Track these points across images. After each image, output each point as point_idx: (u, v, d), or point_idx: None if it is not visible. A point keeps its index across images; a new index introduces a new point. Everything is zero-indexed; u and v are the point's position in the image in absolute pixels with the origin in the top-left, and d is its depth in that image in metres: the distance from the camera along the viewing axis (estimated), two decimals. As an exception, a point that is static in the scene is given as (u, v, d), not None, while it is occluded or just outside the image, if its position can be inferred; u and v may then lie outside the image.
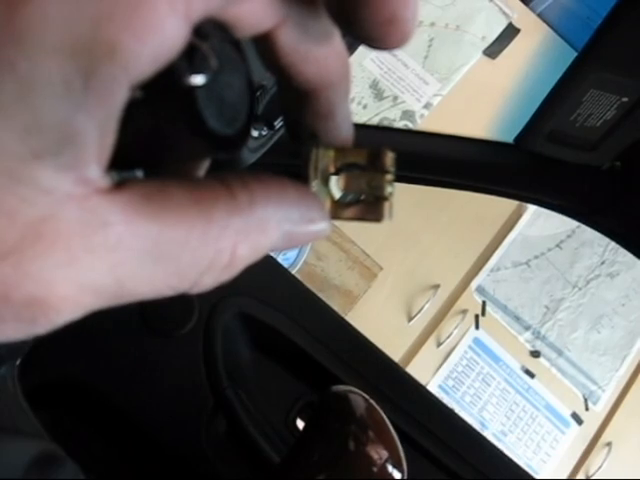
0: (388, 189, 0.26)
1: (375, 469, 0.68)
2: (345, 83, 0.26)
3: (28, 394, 0.74)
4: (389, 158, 0.26)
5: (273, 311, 1.00)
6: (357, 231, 1.88)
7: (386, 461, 0.69)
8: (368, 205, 0.26)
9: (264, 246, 0.21)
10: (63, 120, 0.16)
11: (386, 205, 0.26)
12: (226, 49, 0.22)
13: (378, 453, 0.69)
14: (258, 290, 1.01)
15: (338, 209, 0.26)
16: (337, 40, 0.24)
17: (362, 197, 0.26)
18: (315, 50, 0.24)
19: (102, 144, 0.17)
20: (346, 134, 0.27)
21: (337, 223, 0.26)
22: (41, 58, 0.15)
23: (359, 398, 0.75)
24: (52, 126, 0.16)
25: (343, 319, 1.07)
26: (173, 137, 0.22)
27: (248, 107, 0.24)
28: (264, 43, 0.23)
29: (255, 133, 0.60)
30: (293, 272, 1.77)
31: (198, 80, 0.20)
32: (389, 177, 0.26)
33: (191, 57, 0.20)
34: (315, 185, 0.25)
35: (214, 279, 0.21)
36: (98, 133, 0.17)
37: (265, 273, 1.02)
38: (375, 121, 1.95)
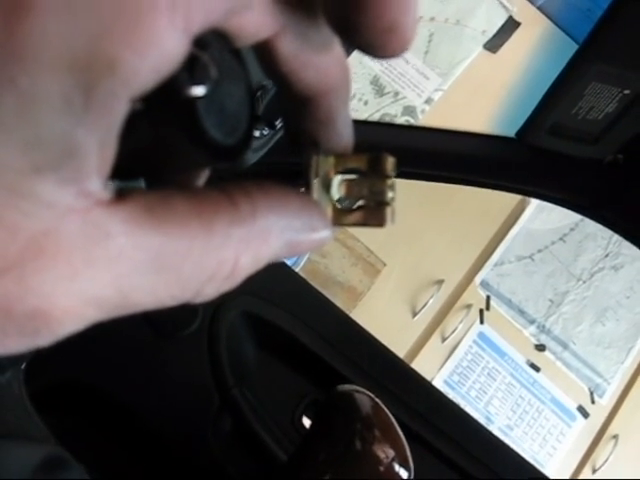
0: (389, 194, 0.26)
1: (382, 468, 0.68)
2: (345, 89, 0.26)
3: (34, 397, 0.74)
4: (389, 163, 0.26)
5: (277, 309, 1.01)
6: (360, 228, 1.88)
7: (392, 460, 0.68)
8: (370, 210, 0.26)
9: (266, 255, 0.21)
10: (63, 134, 0.16)
11: (388, 210, 0.26)
12: (226, 58, 0.22)
13: (384, 452, 0.69)
14: (262, 289, 1.01)
15: (340, 215, 0.26)
16: (337, 47, 0.24)
17: (364, 202, 0.26)
18: (315, 57, 0.24)
19: (103, 157, 0.17)
20: (346, 140, 0.27)
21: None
22: (41, 74, 0.15)
23: (365, 397, 0.75)
24: (52, 140, 0.16)
25: (347, 316, 1.07)
26: (174, 148, 0.22)
27: (248, 116, 0.24)
28: (264, 51, 0.23)
29: (256, 133, 0.60)
30: (296, 270, 1.77)
31: (198, 91, 0.20)
32: (390, 182, 0.26)
33: (191, 68, 0.20)
34: (316, 192, 0.25)
35: (216, 289, 0.21)
36: (98, 146, 0.17)
37: (268, 271, 1.01)
38: (376, 117, 1.95)
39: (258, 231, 0.20)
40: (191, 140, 0.21)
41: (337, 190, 0.26)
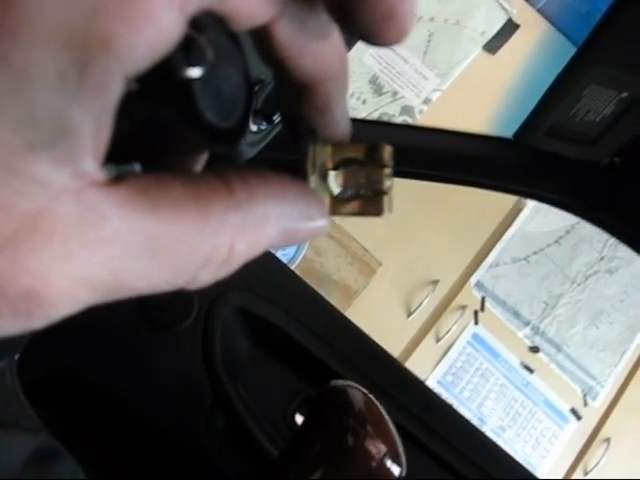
0: (387, 183, 0.26)
1: (374, 464, 0.68)
2: (343, 78, 0.25)
3: (26, 389, 0.74)
4: (387, 152, 0.26)
5: (272, 306, 1.01)
6: (356, 227, 1.88)
7: (385, 456, 0.69)
8: (367, 200, 0.26)
9: (262, 242, 0.21)
10: (58, 112, 0.16)
11: (385, 199, 0.26)
12: (223, 42, 0.22)
13: (377, 448, 0.69)
14: (257, 285, 1.01)
15: (337, 205, 0.26)
16: (335, 35, 0.24)
17: (361, 192, 0.26)
18: (313, 44, 0.23)
19: (98, 137, 0.17)
20: (344, 129, 0.27)
21: (336, 218, 0.26)
22: (35, 50, 0.15)
23: (358, 392, 0.75)
24: (47, 118, 0.16)
25: (342, 314, 1.07)
26: (170, 130, 0.22)
27: (245, 100, 0.24)
28: (262, 37, 0.23)
29: (254, 127, 0.60)
30: (292, 267, 1.77)
31: (195, 73, 0.20)
32: (387, 171, 0.26)
33: (188, 49, 0.20)
34: (314, 181, 0.25)
35: (211, 275, 0.20)
36: (93, 125, 0.17)
37: (264, 268, 1.02)
38: (374, 116, 1.95)
39: (254, 218, 0.20)
40: (186, 122, 0.21)
41: (334, 180, 0.26)
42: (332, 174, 0.26)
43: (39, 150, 0.16)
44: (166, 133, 0.22)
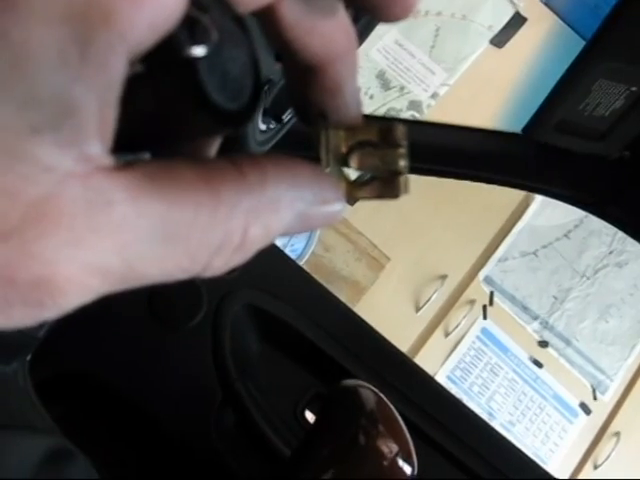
0: (402, 163, 0.25)
1: (385, 463, 0.68)
2: (352, 57, 0.25)
3: (38, 388, 0.74)
4: (400, 132, 0.25)
5: (281, 303, 1.01)
6: (364, 222, 1.88)
7: (396, 455, 0.69)
8: (384, 182, 0.25)
9: (277, 227, 0.21)
10: (61, 92, 0.16)
11: (402, 180, 0.25)
12: (227, 23, 0.22)
13: (388, 447, 0.69)
14: (266, 282, 1.01)
15: (354, 189, 0.25)
16: (341, 13, 0.24)
17: (377, 174, 0.26)
18: (319, 23, 0.23)
19: (103, 118, 0.17)
20: (355, 111, 0.26)
21: (344, 214, 0.26)
22: (35, 26, 0.15)
23: (369, 392, 0.75)
24: (50, 98, 0.15)
25: (351, 310, 1.07)
26: (177, 114, 0.22)
27: (253, 82, 0.23)
28: (267, 18, 0.23)
29: (263, 127, 0.60)
30: (300, 263, 1.77)
31: (199, 51, 0.20)
32: (402, 151, 0.25)
33: (191, 29, 0.19)
34: (328, 166, 0.25)
35: (226, 261, 0.20)
36: (97, 106, 0.16)
37: (272, 265, 1.02)
38: (382, 112, 1.95)
39: (268, 201, 0.20)
40: (193, 103, 0.21)
41: (349, 163, 0.25)
42: (347, 158, 0.25)
43: (43, 132, 0.16)
44: (174, 118, 0.22)
